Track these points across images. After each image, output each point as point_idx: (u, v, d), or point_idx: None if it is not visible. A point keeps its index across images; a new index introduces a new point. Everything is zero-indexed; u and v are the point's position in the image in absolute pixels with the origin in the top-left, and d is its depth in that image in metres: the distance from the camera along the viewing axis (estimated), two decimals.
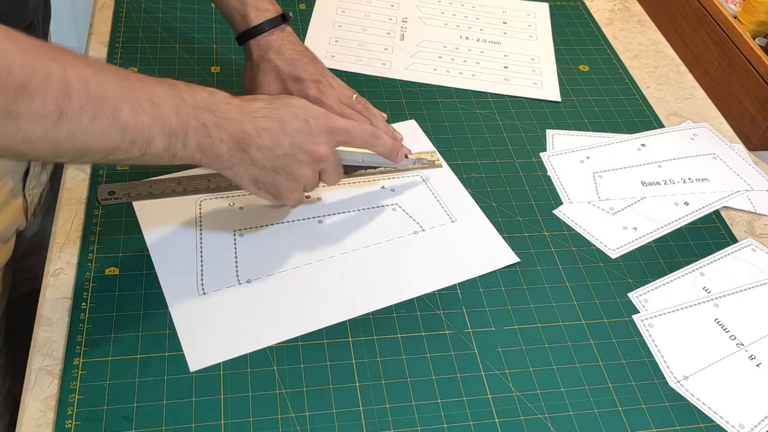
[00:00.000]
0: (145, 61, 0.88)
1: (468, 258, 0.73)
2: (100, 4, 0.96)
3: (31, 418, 0.56)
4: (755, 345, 0.69)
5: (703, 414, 0.63)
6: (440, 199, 0.78)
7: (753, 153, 0.90)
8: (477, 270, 0.72)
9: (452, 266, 0.72)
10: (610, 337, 0.68)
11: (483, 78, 0.95)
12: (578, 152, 0.86)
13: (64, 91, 0.48)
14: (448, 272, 0.71)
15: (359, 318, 0.66)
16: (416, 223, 0.75)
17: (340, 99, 0.77)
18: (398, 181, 0.79)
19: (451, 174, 0.81)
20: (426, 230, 0.75)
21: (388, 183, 0.79)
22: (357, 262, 0.71)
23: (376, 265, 0.71)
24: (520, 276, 0.72)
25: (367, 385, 0.62)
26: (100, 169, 0.75)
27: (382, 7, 1.05)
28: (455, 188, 0.80)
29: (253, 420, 0.58)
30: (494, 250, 0.74)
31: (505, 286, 0.71)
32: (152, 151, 0.55)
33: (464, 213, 0.77)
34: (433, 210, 0.77)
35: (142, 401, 0.58)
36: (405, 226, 0.75)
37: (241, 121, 0.60)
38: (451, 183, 0.80)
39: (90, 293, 0.64)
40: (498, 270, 0.72)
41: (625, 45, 1.05)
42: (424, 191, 0.79)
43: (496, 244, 0.75)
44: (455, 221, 0.76)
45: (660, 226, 0.79)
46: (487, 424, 0.60)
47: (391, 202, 0.77)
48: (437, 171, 0.81)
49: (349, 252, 0.72)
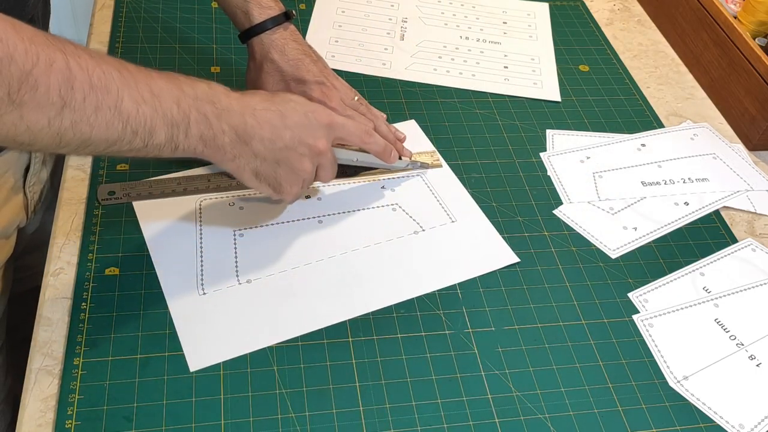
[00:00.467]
0: (145, 62, 0.88)
1: (468, 258, 0.73)
2: (100, 4, 0.96)
3: (31, 418, 0.56)
4: (755, 345, 0.69)
5: (703, 414, 0.63)
6: (440, 199, 0.78)
7: (753, 153, 0.90)
8: (477, 270, 0.72)
9: (452, 266, 0.72)
10: (610, 337, 0.68)
11: (483, 78, 0.95)
12: (578, 152, 0.86)
13: (67, 81, 0.49)
14: (448, 272, 0.71)
15: (359, 318, 0.66)
16: (416, 223, 0.75)
17: (344, 101, 0.77)
18: (398, 181, 0.79)
19: (451, 174, 0.81)
20: (426, 230, 0.75)
21: (389, 183, 0.79)
22: (357, 262, 0.71)
23: (376, 265, 0.71)
24: (520, 276, 0.72)
25: (367, 385, 0.62)
26: (100, 168, 0.75)
27: (382, 7, 1.05)
28: (455, 188, 0.80)
29: (253, 420, 0.58)
30: (494, 250, 0.74)
31: (505, 286, 0.71)
32: (154, 142, 0.55)
33: (464, 213, 0.77)
34: (433, 210, 0.77)
35: (142, 401, 0.58)
36: (405, 226, 0.75)
37: (242, 113, 0.61)
38: (451, 183, 0.80)
39: (90, 293, 0.64)
40: (498, 270, 0.72)
41: (625, 45, 1.05)
42: (424, 191, 0.79)
43: (496, 244, 0.75)
44: (455, 221, 0.76)
45: (660, 226, 0.79)
46: (487, 424, 0.60)
47: (391, 201, 0.77)
48: (437, 171, 0.81)
49: (349, 252, 0.72)
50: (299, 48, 0.78)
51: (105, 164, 0.75)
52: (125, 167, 0.75)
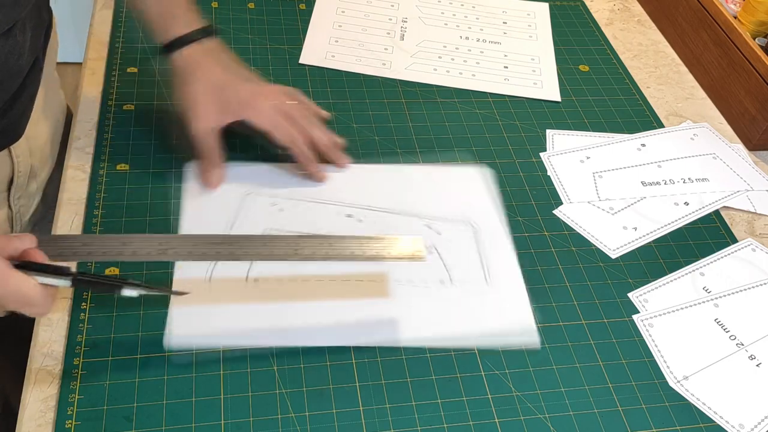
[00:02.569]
0: (145, 61, 0.88)
1: (481, 327, 0.67)
2: (100, 4, 0.96)
3: (31, 418, 0.56)
4: (755, 345, 0.69)
5: (703, 414, 0.63)
6: (483, 255, 0.73)
7: (753, 153, 0.90)
8: (490, 342, 0.66)
9: (466, 329, 0.67)
10: (610, 337, 0.68)
11: (483, 78, 0.95)
12: (578, 152, 0.86)
13: None
14: (459, 333, 0.66)
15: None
16: (447, 272, 0.71)
17: (276, 107, 0.75)
18: (446, 225, 0.75)
19: (505, 233, 0.76)
20: (454, 283, 0.70)
21: (435, 224, 0.75)
22: (370, 291, 0.68)
23: (390, 301, 0.68)
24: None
25: (367, 385, 0.62)
26: (100, 168, 0.75)
27: (382, 7, 1.05)
28: (503, 249, 0.74)
29: (253, 420, 0.58)
30: (517, 325, 0.68)
31: None
32: None
33: (502, 278, 0.71)
34: (470, 265, 0.72)
35: (142, 401, 0.58)
36: (435, 271, 0.71)
37: None
38: (501, 242, 0.74)
39: (90, 293, 0.64)
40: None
41: (625, 45, 1.05)
42: (468, 242, 0.74)
43: (522, 319, 0.68)
44: (488, 284, 0.70)
45: (660, 226, 0.79)
46: (487, 424, 0.60)
47: (430, 243, 0.73)
48: (491, 226, 0.75)
49: (366, 281, 0.69)
50: (230, 56, 0.77)
51: (105, 164, 0.75)
52: (125, 167, 0.75)
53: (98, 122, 0.79)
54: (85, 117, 0.80)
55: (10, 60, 0.66)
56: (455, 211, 0.77)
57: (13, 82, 0.69)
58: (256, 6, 1.00)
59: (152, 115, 0.81)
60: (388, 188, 0.78)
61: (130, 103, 0.82)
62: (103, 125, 0.79)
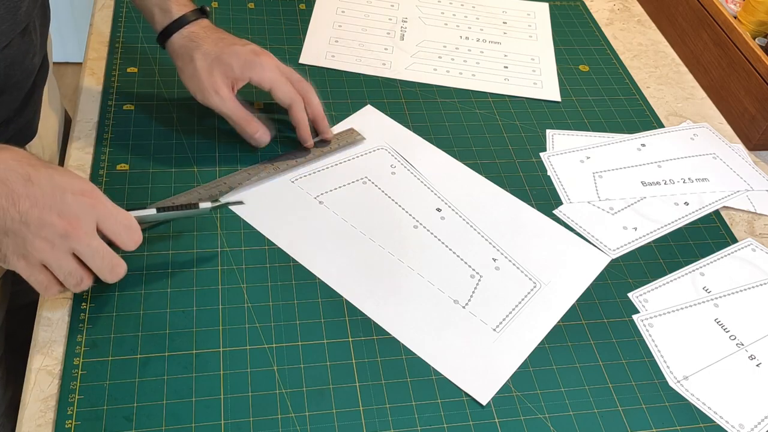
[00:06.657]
0: (145, 61, 0.88)
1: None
2: (100, 4, 0.96)
3: (31, 418, 0.56)
4: (755, 345, 0.69)
5: (703, 414, 0.63)
6: (521, 306, 0.69)
7: (753, 153, 0.91)
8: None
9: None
10: (610, 337, 0.68)
11: (483, 78, 0.95)
12: (578, 152, 0.86)
13: None
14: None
15: (359, 318, 0.66)
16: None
17: (279, 67, 0.77)
18: (509, 268, 0.72)
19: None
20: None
21: (500, 262, 0.72)
22: (412, 282, 0.69)
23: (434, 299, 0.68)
24: None
25: (367, 385, 0.62)
26: (100, 168, 0.75)
27: (382, 7, 1.05)
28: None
29: (253, 420, 0.58)
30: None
31: None
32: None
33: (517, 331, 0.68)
34: (499, 305, 0.69)
35: (142, 401, 0.58)
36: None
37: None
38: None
39: (90, 293, 0.64)
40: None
41: (625, 45, 1.05)
42: (516, 291, 0.70)
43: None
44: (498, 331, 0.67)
45: (660, 226, 0.79)
46: (487, 424, 0.60)
47: (478, 273, 0.71)
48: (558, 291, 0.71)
49: (415, 273, 0.70)
50: (223, 33, 0.78)
51: (105, 164, 0.75)
52: (125, 167, 0.75)
53: (98, 122, 0.80)
54: (85, 117, 0.80)
55: (26, 59, 0.67)
56: (531, 267, 0.72)
57: (28, 81, 0.69)
58: (256, 6, 1.00)
59: (152, 115, 0.81)
60: (495, 211, 0.77)
61: (130, 103, 0.82)
62: (103, 125, 0.79)
